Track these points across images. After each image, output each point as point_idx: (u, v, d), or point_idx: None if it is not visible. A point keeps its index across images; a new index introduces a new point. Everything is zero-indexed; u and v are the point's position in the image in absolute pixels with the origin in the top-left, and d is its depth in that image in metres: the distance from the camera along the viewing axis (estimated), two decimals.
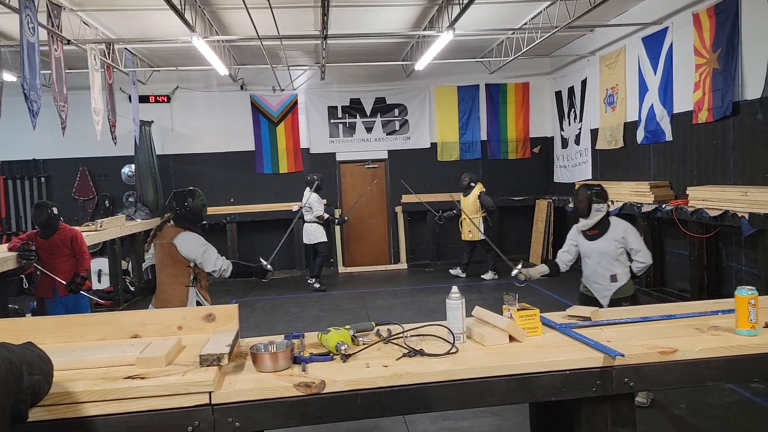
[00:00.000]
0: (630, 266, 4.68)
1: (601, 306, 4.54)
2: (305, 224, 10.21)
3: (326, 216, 10.18)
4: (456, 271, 10.67)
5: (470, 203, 10.19)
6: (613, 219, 4.75)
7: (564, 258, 4.88)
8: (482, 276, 10.35)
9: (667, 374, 2.36)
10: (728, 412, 4.54)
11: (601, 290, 4.70)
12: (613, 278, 4.65)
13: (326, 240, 10.27)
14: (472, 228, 9.88)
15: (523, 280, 4.68)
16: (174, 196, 4.72)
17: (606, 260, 4.64)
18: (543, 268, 4.83)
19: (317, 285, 10.14)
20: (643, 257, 4.63)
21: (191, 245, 4.50)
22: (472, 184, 10.34)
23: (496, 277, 10.24)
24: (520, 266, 4.72)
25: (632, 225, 4.87)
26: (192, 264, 4.51)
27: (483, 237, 9.27)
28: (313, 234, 10.11)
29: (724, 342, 2.46)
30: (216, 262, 4.54)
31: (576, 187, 4.97)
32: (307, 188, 10.14)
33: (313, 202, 9.88)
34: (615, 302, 4.55)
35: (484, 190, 10.28)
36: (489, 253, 10.16)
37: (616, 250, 4.62)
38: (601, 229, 4.67)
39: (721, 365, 2.40)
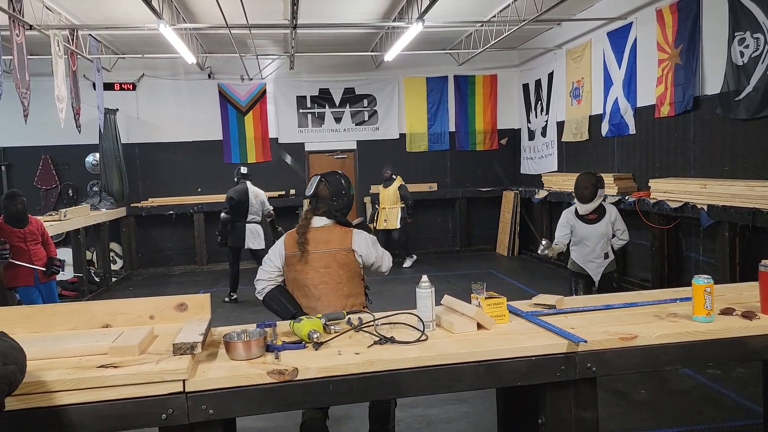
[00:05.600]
0: (612, 244, 5.26)
1: (593, 281, 5.18)
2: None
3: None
4: (407, 262, 11.06)
5: (390, 194, 10.68)
6: (605, 204, 5.23)
7: (565, 241, 5.30)
8: (403, 265, 10.85)
9: (628, 359, 2.44)
10: (686, 398, 4.70)
11: (596, 268, 5.20)
12: (606, 255, 5.19)
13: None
14: (389, 217, 10.64)
15: (549, 255, 5.26)
16: (327, 182, 3.52)
17: (603, 241, 5.16)
18: (561, 248, 5.30)
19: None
20: (626, 236, 5.27)
21: (368, 245, 3.45)
22: (393, 177, 10.68)
23: (415, 257, 11.00)
24: (545, 242, 5.26)
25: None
26: (363, 275, 3.54)
27: (399, 225, 10.55)
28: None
29: (681, 328, 2.55)
30: (387, 257, 3.56)
31: (578, 175, 5.34)
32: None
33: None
34: (605, 276, 5.21)
35: (404, 183, 10.69)
36: (401, 240, 10.79)
37: (610, 231, 5.15)
38: (599, 213, 5.16)
39: (679, 350, 2.49)
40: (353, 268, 3.41)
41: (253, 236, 8.58)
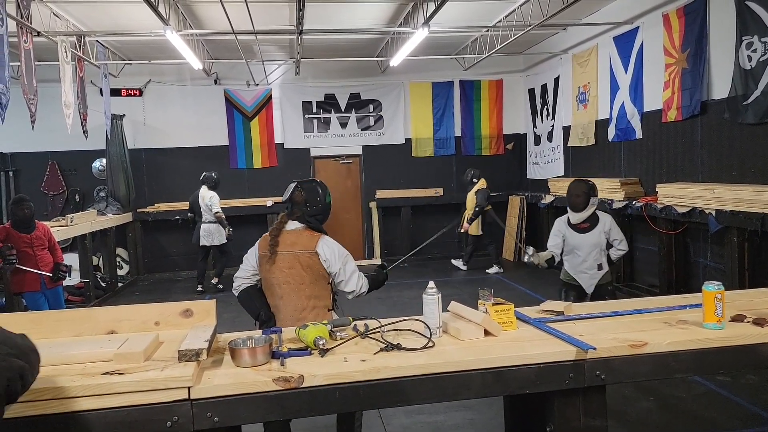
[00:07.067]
0: (608, 254, 5.02)
1: (585, 293, 4.96)
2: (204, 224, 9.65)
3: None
4: (458, 263, 10.90)
5: (469, 199, 10.47)
6: (599, 212, 5.01)
7: (557, 250, 5.09)
8: (487, 270, 10.64)
9: (637, 367, 2.42)
10: (696, 405, 4.66)
11: (588, 279, 4.99)
12: (600, 267, 4.96)
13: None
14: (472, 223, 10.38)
15: (535, 263, 5.00)
16: (302, 189, 3.62)
17: (596, 251, 4.93)
18: (548, 254, 5.05)
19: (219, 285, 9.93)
20: (624, 246, 5.03)
21: (336, 254, 3.49)
22: (474, 180, 10.52)
23: (501, 270, 10.55)
24: (531, 251, 5.04)
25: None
26: (330, 281, 3.56)
27: (480, 231, 10.30)
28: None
29: (691, 335, 2.53)
30: (358, 280, 3.55)
31: (571, 182, 5.16)
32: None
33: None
34: (599, 287, 4.98)
35: (484, 187, 10.40)
36: (490, 246, 10.60)
37: (604, 241, 4.92)
38: (592, 222, 4.94)
39: (689, 358, 2.46)
40: (317, 270, 3.47)
41: (206, 234, 9.61)
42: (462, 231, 10.43)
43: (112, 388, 2.05)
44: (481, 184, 10.41)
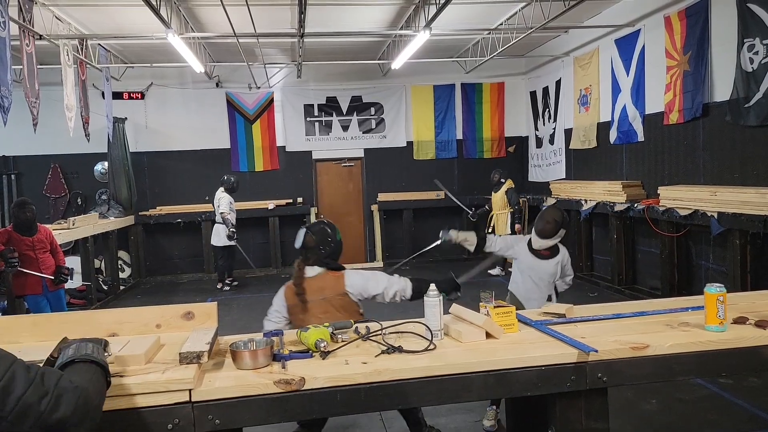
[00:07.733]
0: (555, 285, 4.75)
1: None
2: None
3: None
4: (495, 270, 10.37)
5: (498, 199, 10.24)
6: (560, 245, 4.73)
7: (494, 244, 4.72)
8: (489, 271, 10.23)
9: (639, 369, 2.41)
10: (697, 407, 4.64)
11: (537, 307, 4.57)
12: (549, 298, 4.69)
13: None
14: (497, 223, 10.21)
15: (447, 239, 4.62)
16: (313, 233, 3.60)
17: (550, 281, 4.67)
18: (470, 237, 4.67)
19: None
20: (571, 281, 4.82)
21: (361, 282, 3.51)
22: (502, 180, 10.25)
23: (503, 273, 10.31)
24: (452, 232, 4.64)
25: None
26: (362, 310, 3.56)
27: (508, 232, 9.92)
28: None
29: (693, 338, 2.52)
30: (398, 282, 3.52)
31: (546, 208, 4.87)
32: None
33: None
34: None
35: (513, 186, 10.20)
36: None
37: (558, 272, 4.67)
38: (553, 252, 4.66)
39: (691, 360, 2.46)
40: (351, 308, 3.48)
41: (215, 234, 10.07)
42: (518, 232, 9.98)
43: (112, 390, 2.03)
44: (509, 183, 10.21)
